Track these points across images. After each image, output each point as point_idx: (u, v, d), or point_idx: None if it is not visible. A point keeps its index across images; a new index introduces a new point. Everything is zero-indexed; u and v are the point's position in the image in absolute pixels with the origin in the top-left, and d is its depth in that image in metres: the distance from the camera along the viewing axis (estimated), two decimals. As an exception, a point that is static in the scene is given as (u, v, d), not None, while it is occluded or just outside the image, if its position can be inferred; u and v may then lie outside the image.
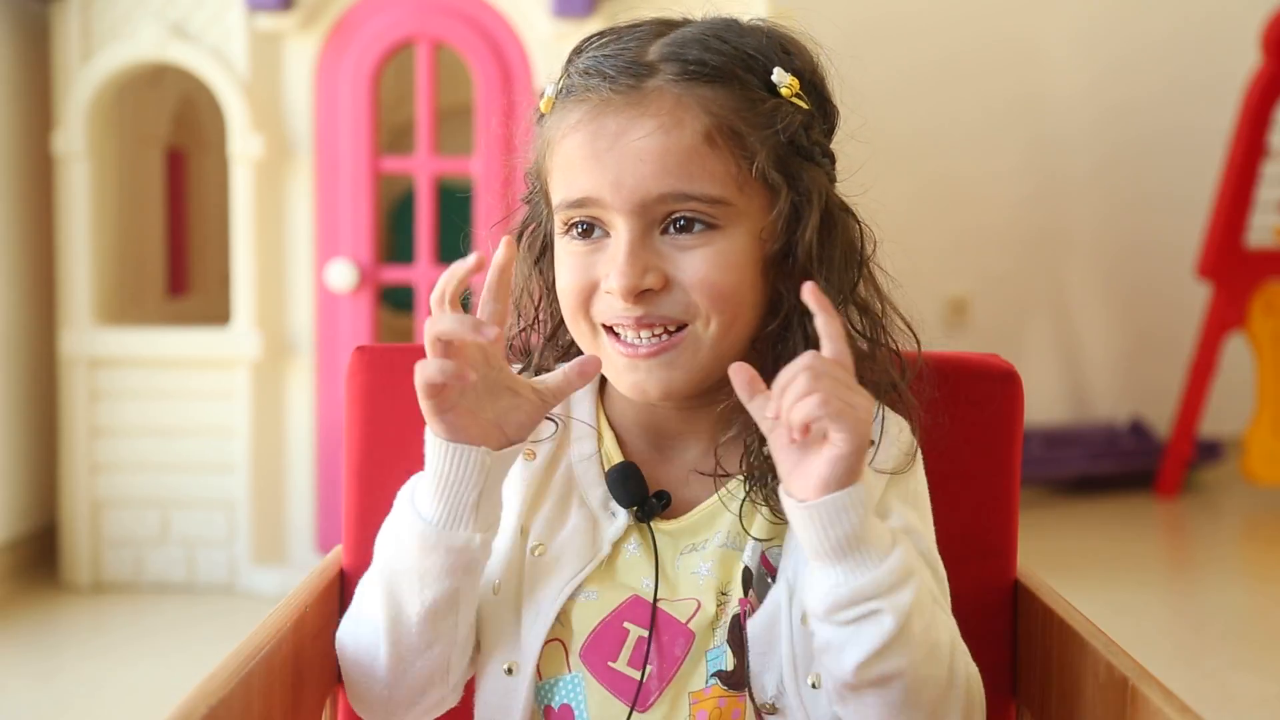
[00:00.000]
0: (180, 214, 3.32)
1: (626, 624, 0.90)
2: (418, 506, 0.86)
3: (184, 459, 2.83)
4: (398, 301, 3.44)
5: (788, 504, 0.81)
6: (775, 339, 0.90)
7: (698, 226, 0.86)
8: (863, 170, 0.95)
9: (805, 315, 0.85)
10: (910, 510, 0.90)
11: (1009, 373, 1.07)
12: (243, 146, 2.76)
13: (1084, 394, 4.50)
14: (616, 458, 0.94)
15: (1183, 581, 3.18)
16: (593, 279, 0.88)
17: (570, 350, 0.97)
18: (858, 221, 0.92)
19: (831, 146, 0.93)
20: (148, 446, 2.83)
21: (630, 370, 0.89)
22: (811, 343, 0.85)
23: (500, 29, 2.81)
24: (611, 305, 0.88)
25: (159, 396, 2.82)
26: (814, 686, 0.87)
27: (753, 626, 0.88)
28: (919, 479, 0.93)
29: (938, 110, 4.21)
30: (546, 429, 0.94)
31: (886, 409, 0.92)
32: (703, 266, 0.86)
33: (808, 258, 0.88)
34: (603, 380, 0.97)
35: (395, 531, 0.88)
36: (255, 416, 2.81)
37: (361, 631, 0.90)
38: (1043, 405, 4.30)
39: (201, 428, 2.83)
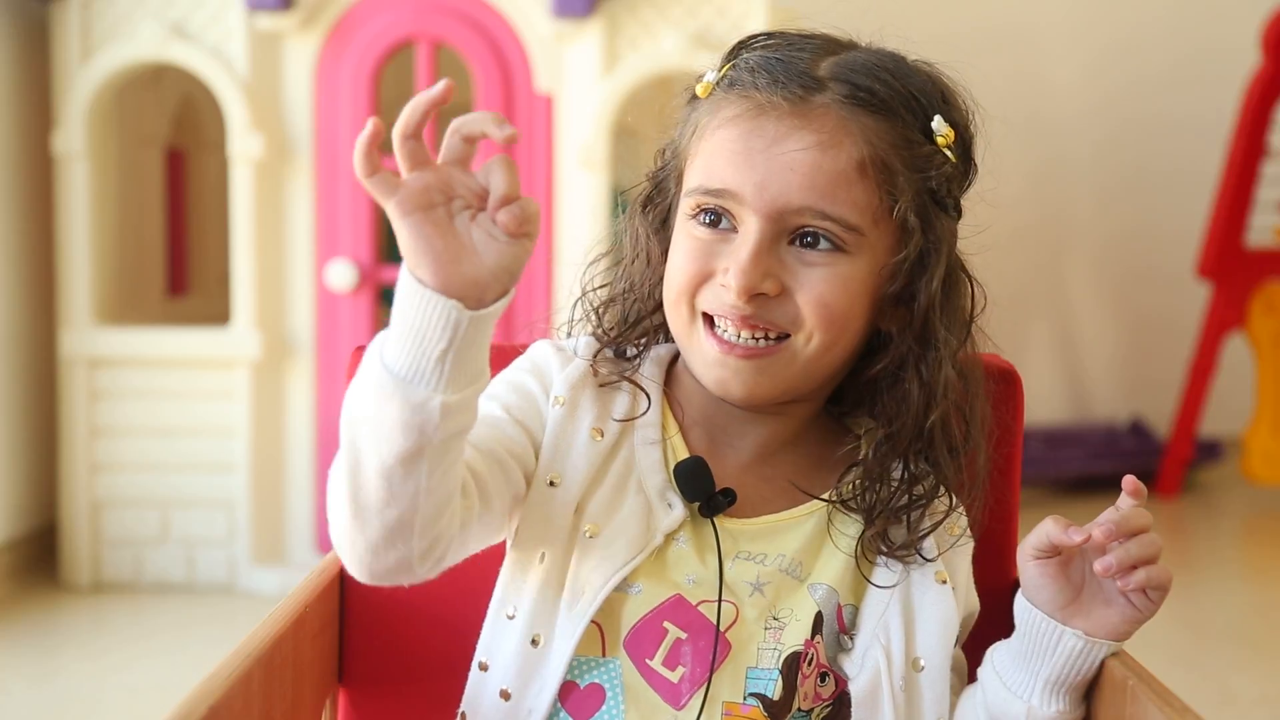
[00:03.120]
0: (180, 214, 3.32)
1: (666, 624, 0.89)
2: (384, 352, 0.78)
3: (184, 459, 2.83)
4: (398, 301, 3.44)
5: (1038, 617, 0.88)
6: (890, 379, 0.92)
7: (825, 245, 0.88)
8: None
9: (921, 361, 0.91)
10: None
11: (1009, 373, 1.07)
12: (242, 146, 2.76)
13: (1084, 394, 4.50)
14: (679, 445, 0.95)
15: (1183, 581, 3.16)
16: (709, 268, 0.89)
17: (658, 333, 0.99)
18: (971, 282, 0.95)
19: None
20: (148, 446, 2.82)
21: (720, 365, 0.90)
22: (927, 388, 0.90)
23: (500, 29, 2.81)
24: (720, 297, 0.89)
25: (159, 396, 2.82)
26: None
27: (856, 691, 0.89)
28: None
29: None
30: (620, 407, 0.94)
31: (953, 495, 0.95)
32: (821, 285, 0.88)
33: (930, 305, 0.90)
34: (669, 365, 0.98)
35: (359, 375, 0.80)
36: (255, 416, 2.81)
37: (333, 473, 0.84)
38: (1043, 405, 4.29)
39: (201, 427, 2.83)
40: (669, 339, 0.99)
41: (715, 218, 0.90)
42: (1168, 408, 4.14)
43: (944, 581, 0.92)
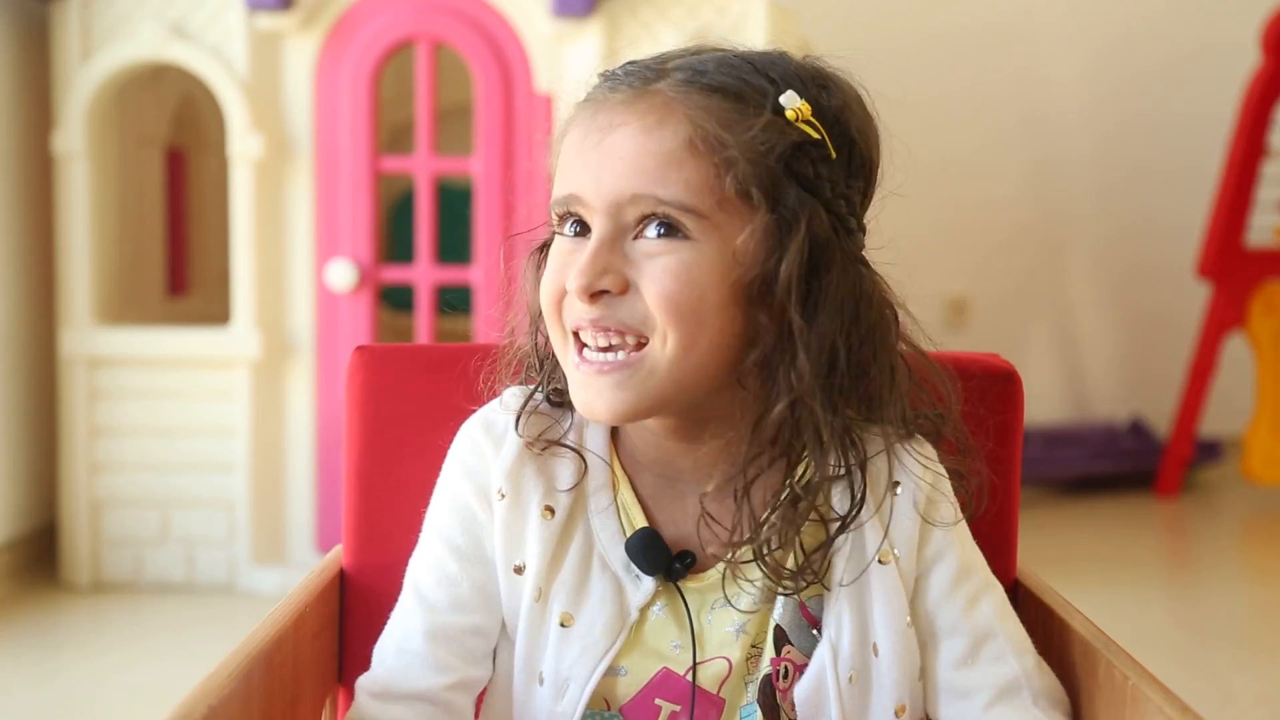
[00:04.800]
0: (180, 214, 3.32)
1: (658, 700, 0.88)
2: None
3: (184, 459, 2.83)
4: (398, 301, 3.44)
5: None
6: (761, 376, 0.85)
7: (667, 233, 0.82)
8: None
9: (788, 353, 0.83)
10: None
11: (1009, 373, 1.06)
12: (243, 146, 2.76)
13: (1084, 394, 4.50)
14: (633, 507, 0.91)
15: (1183, 581, 3.18)
16: (566, 280, 0.85)
17: None
18: (876, 284, 0.86)
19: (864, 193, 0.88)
20: (148, 446, 2.83)
21: (584, 387, 0.85)
22: (801, 377, 0.83)
23: (500, 29, 2.81)
24: (574, 306, 0.84)
25: (159, 396, 2.82)
26: None
27: (799, 692, 0.87)
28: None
29: (928, 91, 4.15)
30: (565, 475, 0.90)
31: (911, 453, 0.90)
32: (662, 276, 0.81)
33: (785, 291, 0.82)
34: None
35: None
36: (255, 416, 2.81)
37: None
38: (1043, 405, 4.30)
39: (201, 427, 2.83)
40: None
41: (579, 226, 0.85)
42: (1168, 408, 4.14)
43: (885, 561, 0.88)
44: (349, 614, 1.05)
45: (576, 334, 0.85)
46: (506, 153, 2.81)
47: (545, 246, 0.93)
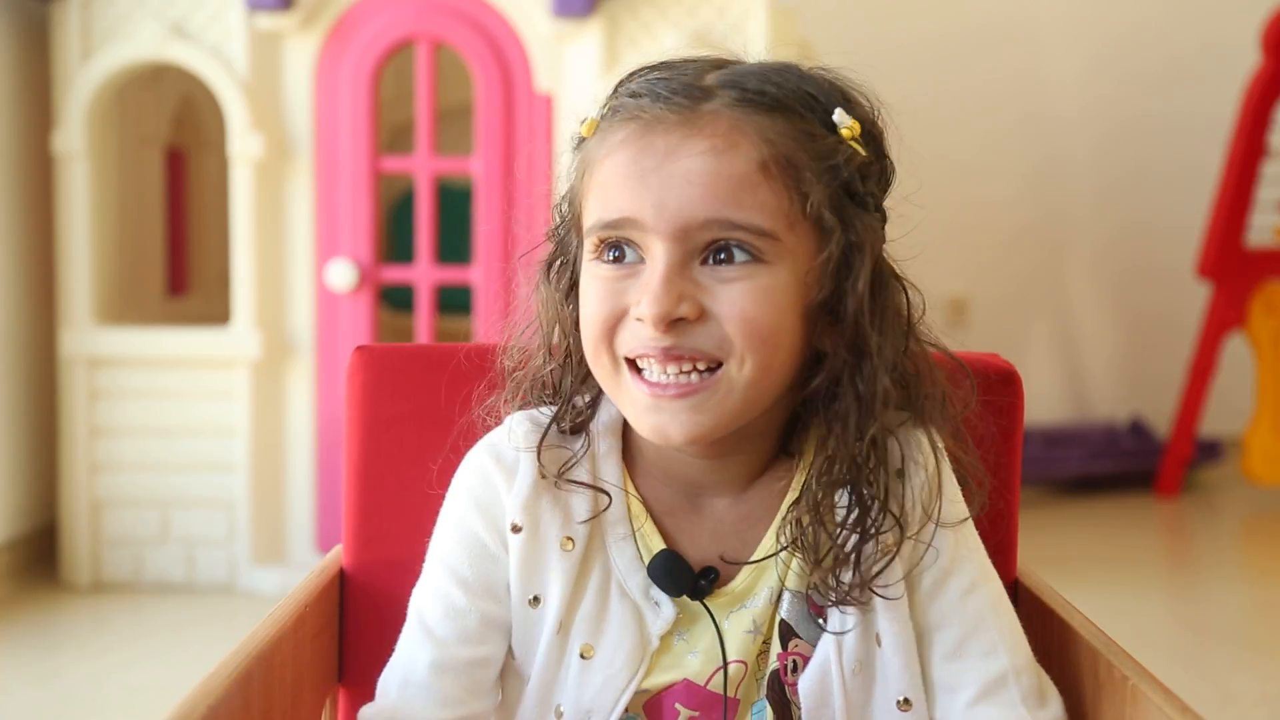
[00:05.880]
0: (180, 214, 3.32)
1: (678, 705, 0.88)
2: None
3: (184, 459, 2.83)
4: (398, 301, 3.44)
5: None
6: (826, 397, 0.86)
7: (741, 257, 0.80)
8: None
9: (856, 372, 0.84)
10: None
11: (1009, 373, 1.06)
12: (242, 146, 2.76)
13: (1084, 394, 4.50)
14: (650, 533, 0.89)
15: (1183, 581, 3.18)
16: (621, 306, 0.82)
17: (586, 386, 0.92)
18: (905, 287, 0.88)
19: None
20: (148, 446, 2.83)
21: (653, 411, 0.83)
22: (864, 402, 0.84)
23: (500, 29, 2.81)
24: (638, 334, 0.82)
25: (159, 396, 2.82)
26: None
27: (803, 684, 0.87)
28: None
29: (928, 91, 4.14)
30: (581, 506, 0.89)
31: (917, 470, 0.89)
32: (742, 300, 0.80)
33: (858, 310, 0.83)
34: (625, 439, 0.92)
35: None
36: (255, 416, 2.81)
37: None
38: (1043, 405, 4.30)
39: (201, 427, 2.83)
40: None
41: (619, 252, 0.83)
42: (1168, 408, 4.14)
43: (887, 550, 0.87)
44: (349, 614, 1.05)
45: (631, 361, 0.84)
46: (506, 153, 2.81)
47: (551, 264, 0.91)
